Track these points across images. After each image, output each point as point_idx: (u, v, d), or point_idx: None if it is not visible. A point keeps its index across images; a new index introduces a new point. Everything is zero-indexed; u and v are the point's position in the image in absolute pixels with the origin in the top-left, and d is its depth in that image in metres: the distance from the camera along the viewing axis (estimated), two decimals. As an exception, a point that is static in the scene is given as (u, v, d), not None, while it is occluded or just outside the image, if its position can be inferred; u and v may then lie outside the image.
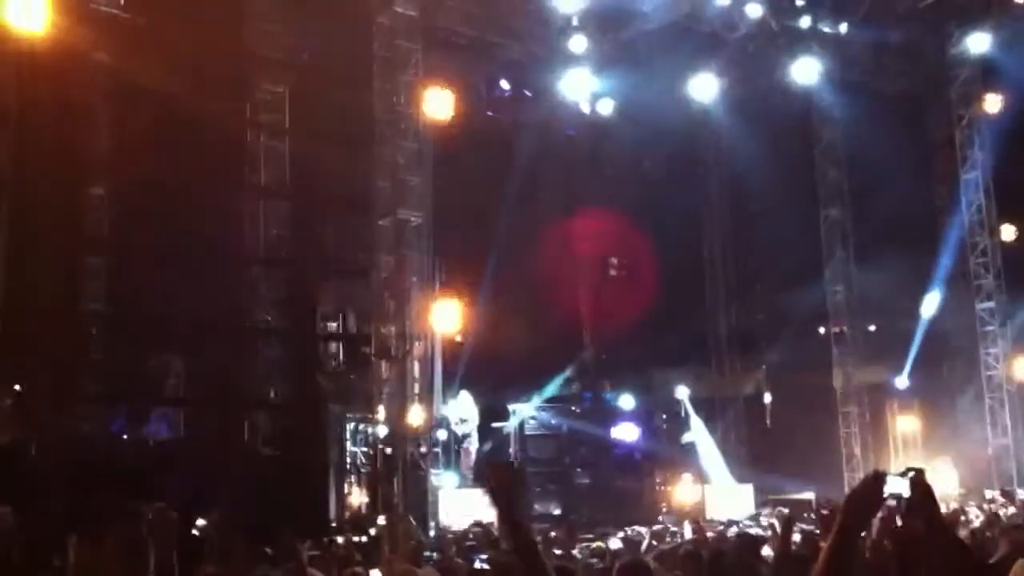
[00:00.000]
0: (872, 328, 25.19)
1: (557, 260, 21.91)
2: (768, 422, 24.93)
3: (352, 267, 19.25)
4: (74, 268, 16.07)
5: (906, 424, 23.80)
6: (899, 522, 5.52)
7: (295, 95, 18.50)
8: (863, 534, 3.36)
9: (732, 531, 13.47)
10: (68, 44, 15.22)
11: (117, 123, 16.58)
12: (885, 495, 3.19)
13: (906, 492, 3.17)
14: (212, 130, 16.72)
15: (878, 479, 3.19)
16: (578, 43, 21.08)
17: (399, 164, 18.62)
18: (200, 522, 12.30)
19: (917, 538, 3.71)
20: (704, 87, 22.54)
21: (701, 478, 22.64)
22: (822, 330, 24.90)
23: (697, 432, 23.75)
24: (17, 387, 14.90)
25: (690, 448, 23.49)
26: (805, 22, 22.25)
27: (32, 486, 12.20)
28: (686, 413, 23.96)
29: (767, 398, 25.38)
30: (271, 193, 18.56)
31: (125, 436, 16.54)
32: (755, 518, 18.04)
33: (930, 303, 23.66)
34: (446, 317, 19.14)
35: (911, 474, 3.22)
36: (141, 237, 16.72)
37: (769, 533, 10.76)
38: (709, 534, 11.15)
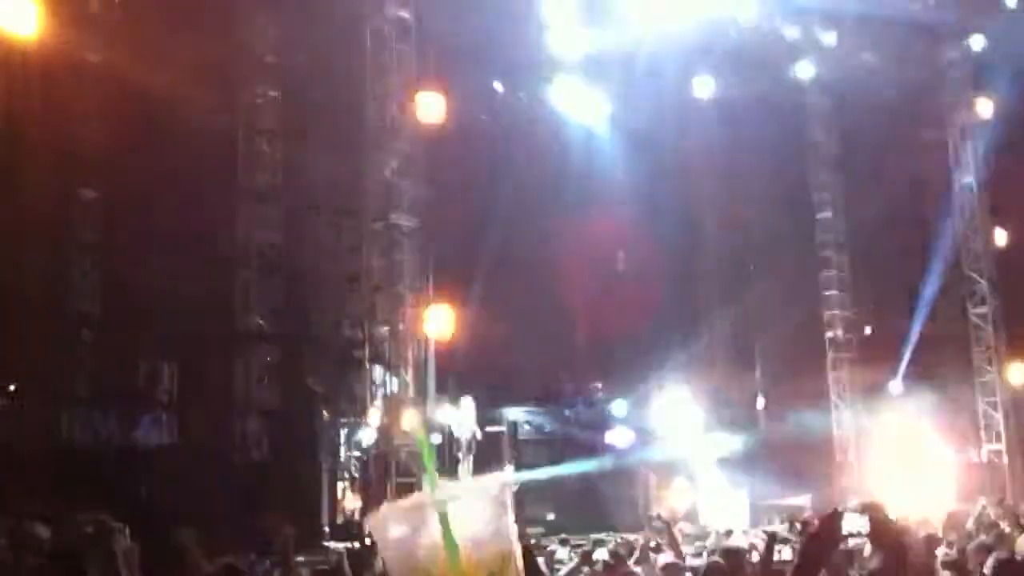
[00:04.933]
0: (868, 331, 25.20)
1: (551, 263, 21.84)
2: (762, 427, 24.87)
3: (344, 271, 19.20)
4: (65, 271, 16.03)
5: (900, 430, 23.74)
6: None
7: (287, 97, 18.48)
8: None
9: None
10: (60, 46, 15.20)
11: (109, 125, 16.54)
12: (844, 532, 3.17)
13: (865, 528, 3.14)
14: (204, 133, 16.69)
15: (836, 517, 3.17)
16: (571, 48, 21.09)
17: (391, 168, 18.57)
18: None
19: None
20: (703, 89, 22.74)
21: (694, 483, 22.57)
22: (822, 334, 24.91)
23: (690, 437, 23.66)
24: (12, 387, 14.89)
25: (683, 453, 23.43)
26: (794, 32, 22.34)
27: (15, 491, 12.10)
28: (678, 417, 23.88)
29: (760, 402, 25.34)
30: (263, 196, 18.51)
31: (114, 441, 16.47)
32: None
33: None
34: (439, 322, 19.06)
35: (868, 510, 3.18)
36: (132, 240, 16.68)
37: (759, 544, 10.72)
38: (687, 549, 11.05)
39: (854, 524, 3.16)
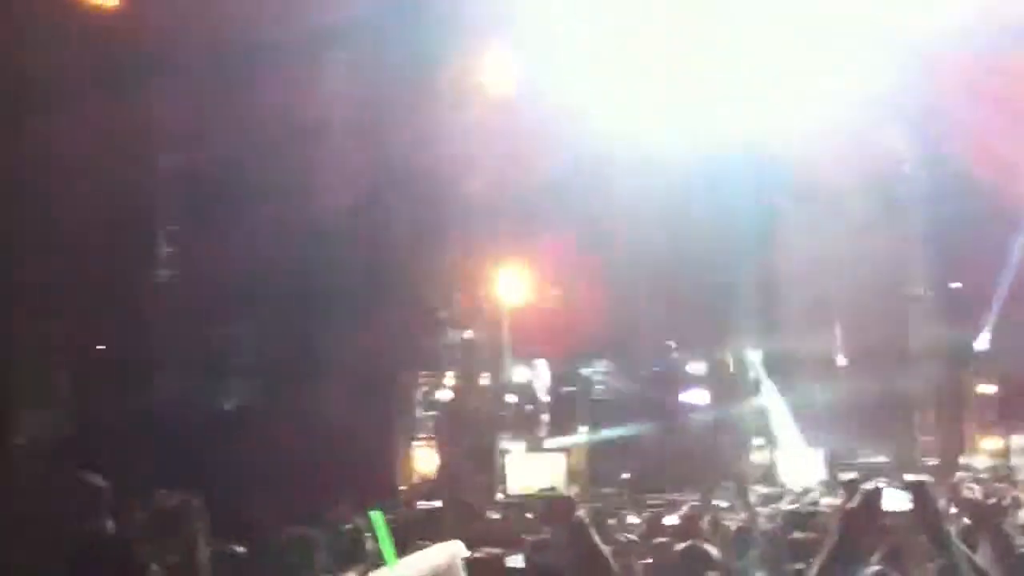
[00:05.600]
0: (955, 286, 24.63)
1: (624, 225, 21.66)
2: (842, 385, 24.52)
3: (422, 235, 19.30)
4: (144, 238, 16.38)
5: (985, 388, 23.27)
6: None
7: (363, 62, 18.49)
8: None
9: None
10: (143, 16, 15.40)
11: (186, 94, 16.78)
12: (884, 510, 3.09)
13: (907, 506, 3.05)
14: (283, 99, 16.81)
15: (875, 494, 3.09)
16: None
17: (467, 132, 18.58)
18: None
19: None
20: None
21: (772, 442, 22.45)
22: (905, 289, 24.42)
23: (768, 395, 23.52)
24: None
25: (761, 412, 23.30)
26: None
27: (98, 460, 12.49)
28: (757, 376, 23.72)
29: (840, 360, 24.98)
30: (338, 161, 18.63)
31: (195, 405, 16.83)
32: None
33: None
34: (515, 283, 19.17)
35: (912, 488, 3.09)
36: (211, 206, 16.95)
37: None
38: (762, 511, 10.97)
39: (899, 502, 3.09)
